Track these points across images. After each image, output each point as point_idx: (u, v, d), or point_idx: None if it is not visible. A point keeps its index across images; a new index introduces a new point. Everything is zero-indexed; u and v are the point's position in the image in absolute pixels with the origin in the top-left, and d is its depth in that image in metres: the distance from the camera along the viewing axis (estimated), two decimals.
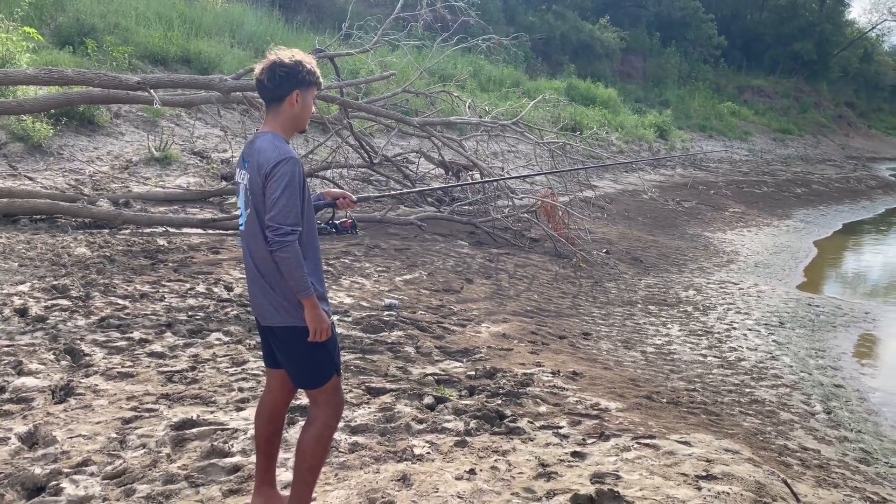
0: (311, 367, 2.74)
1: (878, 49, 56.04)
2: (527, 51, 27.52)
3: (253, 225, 2.65)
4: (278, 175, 2.55)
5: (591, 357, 6.03)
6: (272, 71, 2.64)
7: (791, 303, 9.10)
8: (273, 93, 2.67)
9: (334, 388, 2.78)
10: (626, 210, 14.37)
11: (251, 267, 2.74)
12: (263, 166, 2.57)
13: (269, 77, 2.65)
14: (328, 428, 2.79)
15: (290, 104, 2.68)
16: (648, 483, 3.30)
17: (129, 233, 7.88)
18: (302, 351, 2.70)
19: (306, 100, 2.71)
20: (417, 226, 9.51)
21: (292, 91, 2.66)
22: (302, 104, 2.70)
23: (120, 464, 3.24)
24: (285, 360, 2.78)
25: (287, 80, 2.64)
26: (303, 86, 2.68)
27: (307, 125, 2.83)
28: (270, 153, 2.58)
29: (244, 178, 2.69)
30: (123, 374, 4.34)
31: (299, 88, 2.67)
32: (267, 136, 2.67)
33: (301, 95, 2.68)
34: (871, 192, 23.72)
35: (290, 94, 2.66)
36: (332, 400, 2.78)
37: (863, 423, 5.52)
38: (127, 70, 12.19)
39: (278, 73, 2.64)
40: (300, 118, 2.73)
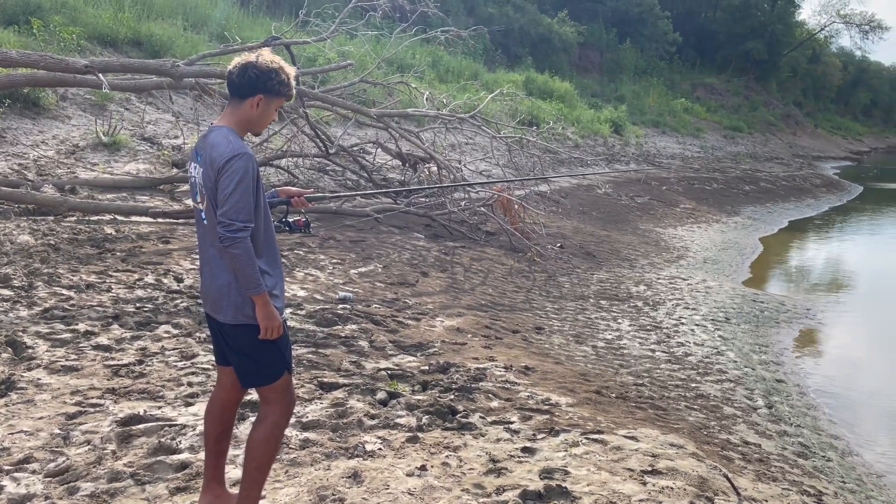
0: (261, 366, 2.71)
1: (825, 50, 57.73)
2: (486, 43, 27.57)
3: (211, 218, 2.62)
4: (231, 171, 2.52)
5: (544, 351, 6.11)
6: (244, 69, 2.64)
7: (737, 299, 9.35)
8: (238, 89, 2.67)
9: (285, 387, 2.76)
10: (581, 205, 14.55)
11: (206, 260, 2.72)
12: (216, 161, 2.55)
13: (239, 73, 2.65)
14: (278, 426, 2.77)
15: (251, 106, 2.68)
16: (595, 478, 3.37)
17: (75, 220, 7.66)
18: (252, 349, 2.68)
19: (268, 107, 2.70)
20: (373, 218, 9.47)
21: (256, 94, 2.66)
22: (262, 110, 2.69)
23: (63, 461, 3.17)
24: (235, 357, 2.75)
25: (256, 82, 2.64)
26: (269, 93, 2.67)
27: (263, 131, 2.82)
28: (224, 148, 2.56)
29: (197, 171, 2.67)
30: (67, 368, 4.23)
31: (264, 94, 2.66)
32: (222, 130, 2.65)
33: (264, 101, 2.68)
34: (815, 190, 24.46)
35: (253, 96, 2.66)
36: (282, 398, 2.76)
37: (802, 418, 5.72)
38: (75, 52, 11.81)
39: (249, 73, 2.64)
40: (257, 122, 2.73)
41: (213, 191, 2.57)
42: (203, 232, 2.72)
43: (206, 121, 12.17)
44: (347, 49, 12.50)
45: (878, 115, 67.21)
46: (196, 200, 2.71)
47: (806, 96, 54.17)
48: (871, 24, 56.61)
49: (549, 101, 24.31)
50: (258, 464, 2.73)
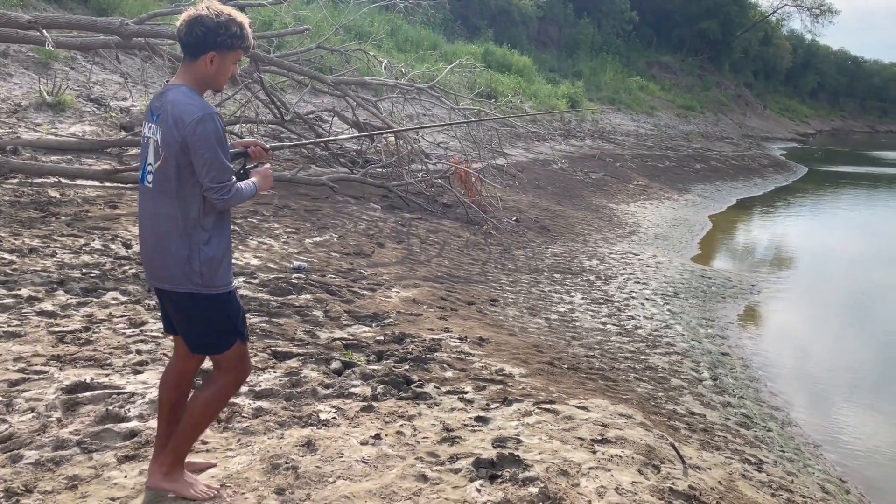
0: (210, 334, 2.65)
1: (777, 33, 58.80)
2: (446, 13, 27.27)
3: (162, 180, 2.51)
4: (204, 134, 2.45)
5: (498, 323, 6.17)
6: (191, 26, 2.50)
7: (686, 274, 9.57)
8: (188, 48, 2.54)
9: (239, 356, 2.71)
10: (537, 179, 14.62)
11: (150, 225, 2.58)
12: (183, 120, 2.45)
13: (186, 31, 2.52)
14: (224, 392, 2.74)
15: (205, 64, 2.55)
16: (547, 447, 3.43)
17: (17, 182, 7.36)
18: (200, 318, 2.62)
19: (224, 62, 2.57)
20: (329, 187, 9.35)
21: (208, 51, 2.52)
22: (217, 66, 2.56)
23: (5, 429, 3.08)
24: (183, 326, 2.67)
25: (205, 39, 2.50)
26: (221, 49, 2.53)
27: (223, 87, 2.70)
28: (190, 107, 2.47)
29: (154, 131, 2.54)
30: (10, 334, 4.09)
31: (216, 50, 2.53)
32: (181, 88, 2.54)
33: (217, 57, 2.54)
34: (763, 170, 25.07)
35: (205, 54, 2.53)
36: (236, 366, 2.71)
37: (745, 390, 5.92)
38: (17, 6, 11.29)
39: (196, 30, 2.50)
40: (214, 79, 2.60)
41: (174, 149, 2.47)
42: (147, 196, 2.57)
43: (156, 82, 11.82)
44: (304, 14, 12.23)
45: (824, 98, 69.03)
46: (147, 161, 2.57)
47: (756, 77, 55.25)
48: (822, 8, 57.87)
49: (507, 75, 24.28)
50: (195, 422, 2.71)
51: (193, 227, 2.53)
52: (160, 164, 2.51)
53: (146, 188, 2.58)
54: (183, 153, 2.47)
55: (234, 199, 2.55)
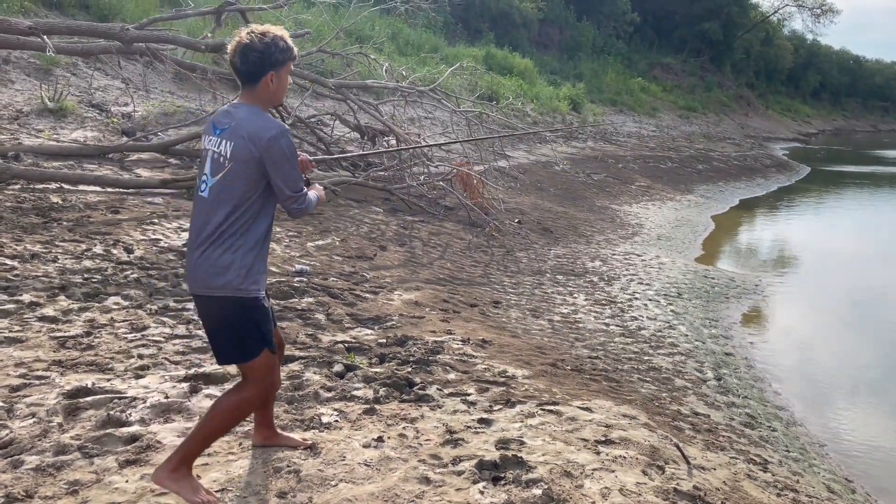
0: (240, 340, 2.70)
1: (778, 33, 58.75)
2: (446, 16, 27.30)
3: (223, 191, 2.61)
4: (282, 148, 2.60)
5: (501, 325, 6.15)
6: (244, 55, 2.62)
7: (689, 275, 9.54)
8: (247, 76, 2.66)
9: (268, 366, 2.76)
10: (539, 181, 14.61)
11: (203, 234, 2.63)
12: (260, 136, 2.58)
13: (241, 61, 2.64)
14: (248, 402, 2.78)
15: (266, 84, 2.67)
16: (551, 448, 3.41)
17: (19, 188, 7.37)
18: (234, 322, 2.67)
19: (281, 78, 2.70)
20: (331, 190, 9.34)
21: (266, 73, 2.64)
22: (277, 83, 2.69)
23: (6, 434, 3.07)
24: (214, 331, 2.73)
25: (261, 64, 2.63)
26: (277, 66, 2.66)
27: (283, 100, 2.85)
28: (265, 124, 2.62)
29: (217, 144, 2.64)
30: (11, 340, 4.09)
31: (273, 69, 2.65)
32: (251, 108, 2.67)
33: (275, 75, 2.67)
34: (766, 170, 25.02)
35: (264, 76, 2.65)
36: (263, 377, 2.76)
37: (749, 390, 5.89)
38: (18, 13, 11.32)
39: (251, 58, 2.62)
40: (276, 95, 2.73)
41: (245, 163, 2.59)
42: (202, 207, 2.66)
43: (157, 88, 11.84)
44: (305, 17, 12.24)
45: (826, 98, 68.94)
46: (205, 172, 2.65)
47: (758, 78, 55.19)
48: (823, 8, 57.82)
49: (508, 77, 24.27)
50: (212, 428, 2.73)
51: (242, 236, 2.62)
52: (224, 176, 2.60)
53: (201, 197, 2.66)
54: (255, 167, 2.59)
55: (308, 208, 2.76)
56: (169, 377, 3.84)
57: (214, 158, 2.64)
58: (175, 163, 9.50)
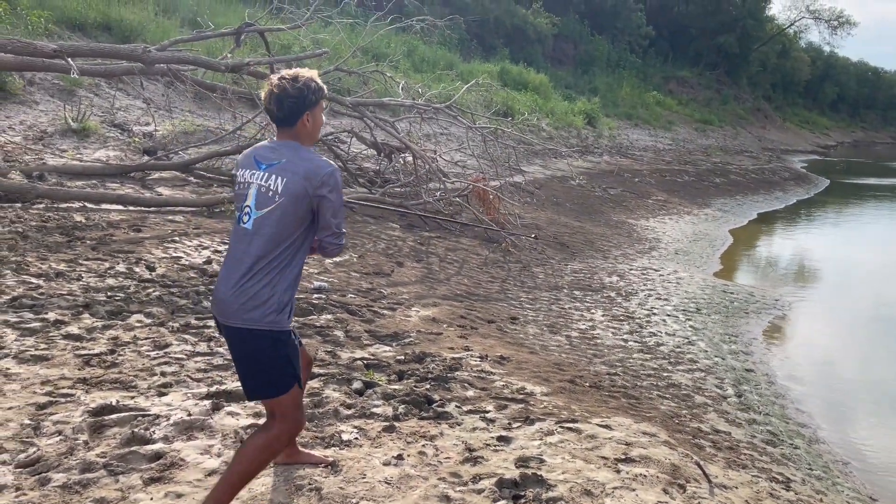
0: (270, 375, 2.70)
1: (794, 45, 58.53)
2: (461, 33, 27.50)
3: (269, 225, 2.64)
4: (337, 183, 2.69)
5: (519, 341, 6.15)
6: (280, 102, 2.69)
7: (707, 289, 9.49)
8: (285, 121, 2.74)
9: (295, 403, 2.76)
10: (555, 196, 14.62)
11: (243, 265, 2.65)
12: (316, 174, 2.65)
13: (277, 107, 2.70)
14: (278, 440, 2.75)
15: (303, 125, 2.76)
16: (570, 466, 3.41)
17: (44, 207, 7.50)
18: (265, 356, 2.68)
19: (316, 117, 2.79)
20: (349, 207, 9.42)
21: (303, 115, 2.73)
22: (313, 122, 2.79)
23: (34, 451, 3.12)
24: (244, 365, 2.73)
25: (296, 108, 2.71)
26: (311, 107, 2.75)
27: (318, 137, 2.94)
28: (320, 161, 2.71)
29: (266, 178, 2.67)
30: (37, 358, 4.16)
31: (309, 110, 2.74)
32: (293, 145, 2.74)
33: (311, 115, 2.76)
34: (784, 183, 24.86)
35: (301, 118, 2.74)
36: (291, 414, 2.75)
37: (770, 406, 5.83)
38: (43, 36, 11.56)
39: (286, 103, 2.69)
40: (313, 134, 2.82)
41: (295, 198, 2.63)
42: (240, 237, 2.69)
43: (178, 107, 12.02)
44: (322, 37, 12.38)
45: (844, 110, 68.48)
46: (246, 204, 2.69)
47: (775, 90, 54.96)
48: (840, 20, 57.56)
49: (523, 92, 24.36)
50: (243, 470, 2.69)
51: (282, 271, 2.66)
52: (272, 210, 2.64)
53: (243, 229, 2.69)
54: (307, 205, 2.66)
55: (345, 244, 2.87)
56: (191, 394, 3.89)
57: (262, 192, 2.66)
58: (195, 181, 9.62)
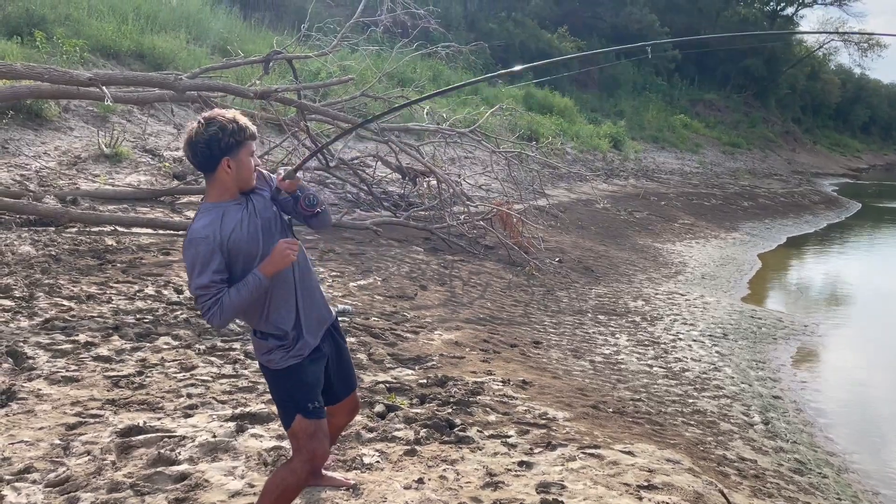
0: (279, 406, 2.81)
1: (824, 68, 58.03)
2: (486, 57, 27.72)
3: None
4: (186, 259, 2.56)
5: (541, 366, 6.14)
6: (192, 148, 2.54)
7: (735, 315, 9.38)
8: (204, 167, 2.58)
9: (305, 434, 2.69)
10: (580, 219, 14.60)
11: None
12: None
13: (192, 154, 2.57)
14: (293, 474, 2.70)
15: (224, 172, 2.56)
16: (592, 493, 3.40)
17: (76, 231, 7.70)
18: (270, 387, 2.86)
19: (240, 162, 2.58)
20: (373, 231, 9.52)
21: (220, 161, 2.54)
22: (236, 168, 2.57)
23: (63, 471, 3.19)
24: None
25: (209, 153, 2.52)
26: (230, 151, 2.54)
27: (253, 180, 2.67)
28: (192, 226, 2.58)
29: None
30: (68, 379, 4.26)
31: (227, 155, 2.54)
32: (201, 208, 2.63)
33: (232, 161, 2.55)
34: (814, 206, 24.53)
35: (219, 164, 2.55)
36: (302, 446, 2.70)
37: (798, 434, 5.74)
38: (78, 64, 11.90)
39: (198, 150, 2.53)
40: (241, 179, 2.61)
41: None
42: None
43: None
44: (349, 63, 12.59)
45: (876, 133, 67.49)
46: None
47: (805, 113, 54.40)
48: (870, 42, 56.97)
49: (548, 116, 24.45)
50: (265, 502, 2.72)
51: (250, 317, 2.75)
52: None
53: None
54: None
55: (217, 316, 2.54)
56: (216, 416, 3.95)
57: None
58: None
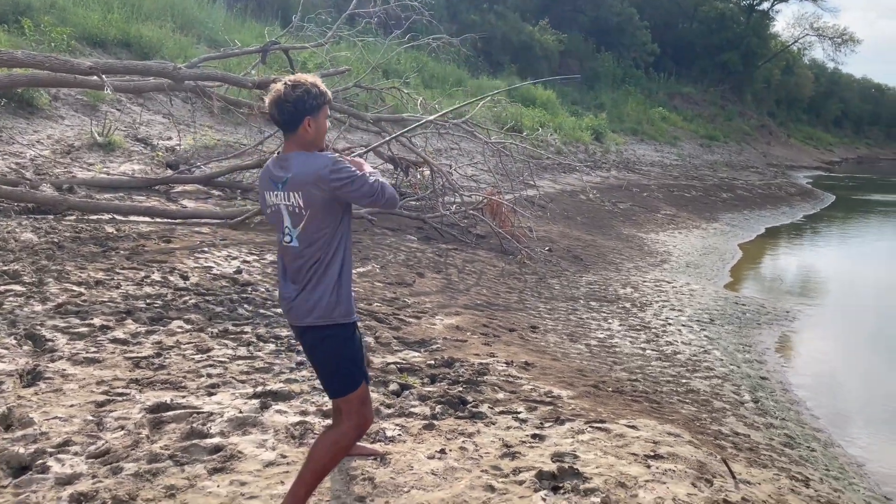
0: (339, 372, 2.87)
1: (798, 62, 58.90)
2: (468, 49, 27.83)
3: (308, 236, 2.79)
4: (341, 170, 2.74)
5: (540, 349, 6.34)
6: (280, 107, 2.77)
7: (720, 301, 9.67)
8: (287, 125, 2.80)
9: (361, 399, 2.86)
10: (566, 210, 14.84)
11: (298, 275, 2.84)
12: (322, 177, 2.72)
13: (278, 112, 2.79)
14: (346, 437, 2.85)
15: (304, 130, 2.80)
16: (603, 462, 3.60)
17: (75, 219, 7.74)
18: (332, 353, 2.85)
19: (319, 123, 2.83)
20: (368, 220, 9.65)
21: (303, 120, 2.78)
22: (315, 128, 2.82)
23: (102, 444, 3.32)
24: (316, 363, 2.93)
25: (295, 112, 2.76)
26: (313, 112, 2.79)
27: (324, 143, 2.94)
28: (318, 162, 2.75)
29: (287, 197, 2.79)
30: (90, 360, 4.37)
31: (309, 115, 2.78)
32: (299, 154, 2.81)
33: (312, 121, 2.80)
34: (790, 198, 25.05)
35: (301, 123, 2.79)
36: (358, 410, 2.85)
37: (786, 412, 6.01)
38: (65, 52, 11.86)
39: (286, 108, 2.76)
40: (317, 140, 2.85)
41: (321, 203, 2.75)
42: (293, 254, 2.83)
43: (202, 123, 12.28)
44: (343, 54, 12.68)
45: (848, 126, 68.72)
46: (285, 225, 2.82)
47: (779, 107, 55.25)
48: (843, 37, 57.94)
49: (531, 108, 24.67)
50: (315, 466, 2.82)
51: (331, 264, 2.81)
52: (306, 224, 2.78)
53: (291, 247, 2.84)
54: (333, 205, 2.78)
55: (387, 192, 2.81)
56: (238, 394, 4.09)
57: (291, 211, 2.79)
58: (217, 194, 9.87)
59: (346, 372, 2.87)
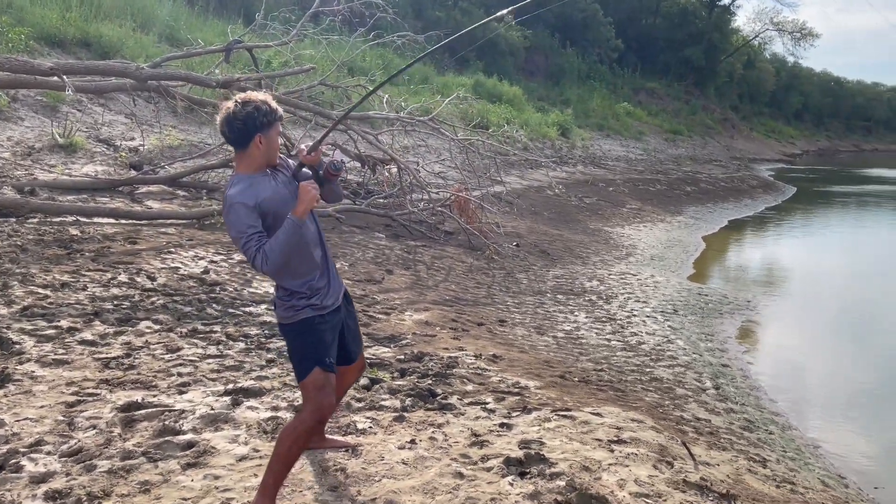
0: (297, 360, 3.00)
1: (760, 56, 60.01)
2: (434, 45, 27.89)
3: None
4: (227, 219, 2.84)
5: (508, 342, 6.46)
6: (230, 124, 2.81)
7: (683, 292, 9.90)
8: (237, 142, 2.85)
9: (315, 386, 2.90)
10: (533, 205, 15.00)
11: None
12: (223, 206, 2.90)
13: (228, 129, 2.83)
14: (303, 423, 2.90)
15: (255, 147, 2.85)
16: (569, 447, 3.72)
17: (38, 221, 7.65)
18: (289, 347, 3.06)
19: (270, 140, 2.87)
20: (336, 218, 9.68)
21: (254, 137, 2.82)
22: (266, 145, 2.86)
23: (75, 443, 3.34)
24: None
25: (245, 130, 2.80)
26: (263, 129, 2.82)
27: (277, 157, 2.98)
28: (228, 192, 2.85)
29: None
30: (58, 361, 4.37)
31: (260, 132, 2.82)
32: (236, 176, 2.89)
33: (263, 138, 2.84)
34: (752, 191, 25.58)
35: (252, 140, 2.82)
36: (311, 396, 2.91)
37: (746, 397, 6.21)
38: (23, 52, 11.65)
39: (235, 126, 2.80)
40: (268, 155, 2.90)
41: None
42: None
43: (166, 123, 12.18)
44: (308, 52, 12.65)
45: (809, 119, 70.21)
46: None
47: (742, 100, 56.27)
48: (803, 32, 59.17)
49: (497, 105, 24.83)
50: (280, 450, 2.87)
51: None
52: None
53: None
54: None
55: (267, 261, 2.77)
56: (210, 392, 4.13)
57: None
58: (183, 194, 9.81)
59: (302, 359, 2.98)
